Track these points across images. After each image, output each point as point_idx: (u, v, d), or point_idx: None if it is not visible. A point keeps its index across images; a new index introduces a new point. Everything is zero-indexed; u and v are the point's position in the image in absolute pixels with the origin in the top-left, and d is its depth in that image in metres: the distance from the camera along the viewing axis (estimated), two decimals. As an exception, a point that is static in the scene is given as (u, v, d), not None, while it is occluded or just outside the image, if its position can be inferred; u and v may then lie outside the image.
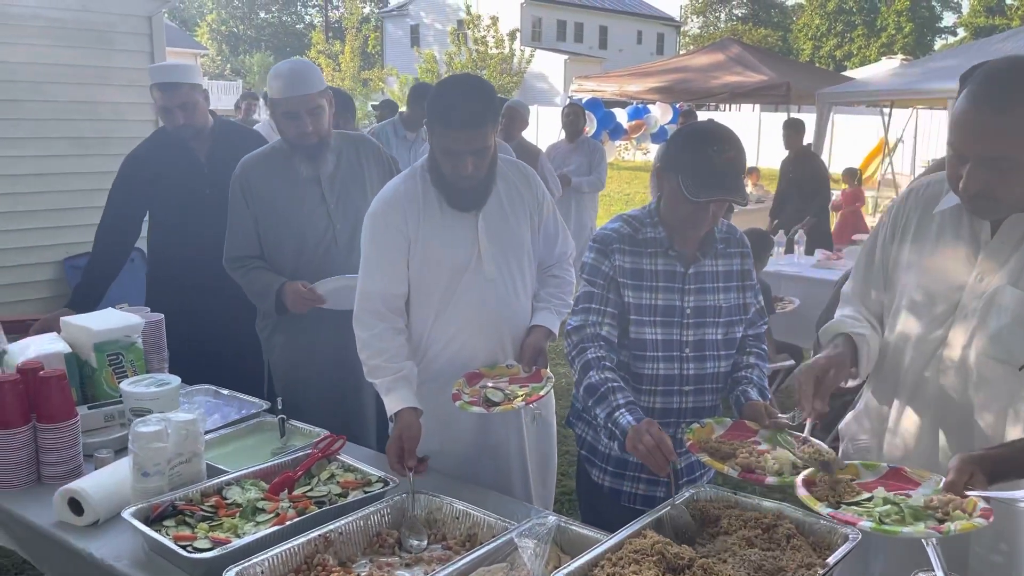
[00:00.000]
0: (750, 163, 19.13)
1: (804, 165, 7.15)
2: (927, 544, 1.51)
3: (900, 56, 26.70)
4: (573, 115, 6.94)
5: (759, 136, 22.12)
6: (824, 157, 9.60)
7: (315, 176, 2.81)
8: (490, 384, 2.21)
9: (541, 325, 2.37)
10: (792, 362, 4.87)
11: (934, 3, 48.87)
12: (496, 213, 2.32)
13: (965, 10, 47.07)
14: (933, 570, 1.46)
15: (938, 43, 47.25)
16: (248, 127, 4.39)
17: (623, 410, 1.99)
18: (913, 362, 1.79)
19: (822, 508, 1.55)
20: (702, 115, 21.51)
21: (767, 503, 1.76)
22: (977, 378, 1.69)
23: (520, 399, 2.11)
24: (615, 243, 2.15)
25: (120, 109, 5.32)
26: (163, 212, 3.29)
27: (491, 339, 2.33)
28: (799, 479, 1.67)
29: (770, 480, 1.75)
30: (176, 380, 2.32)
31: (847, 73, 15.07)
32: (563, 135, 7.11)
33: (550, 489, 2.58)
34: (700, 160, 1.98)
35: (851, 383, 1.92)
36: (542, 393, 2.15)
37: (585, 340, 2.13)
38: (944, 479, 1.56)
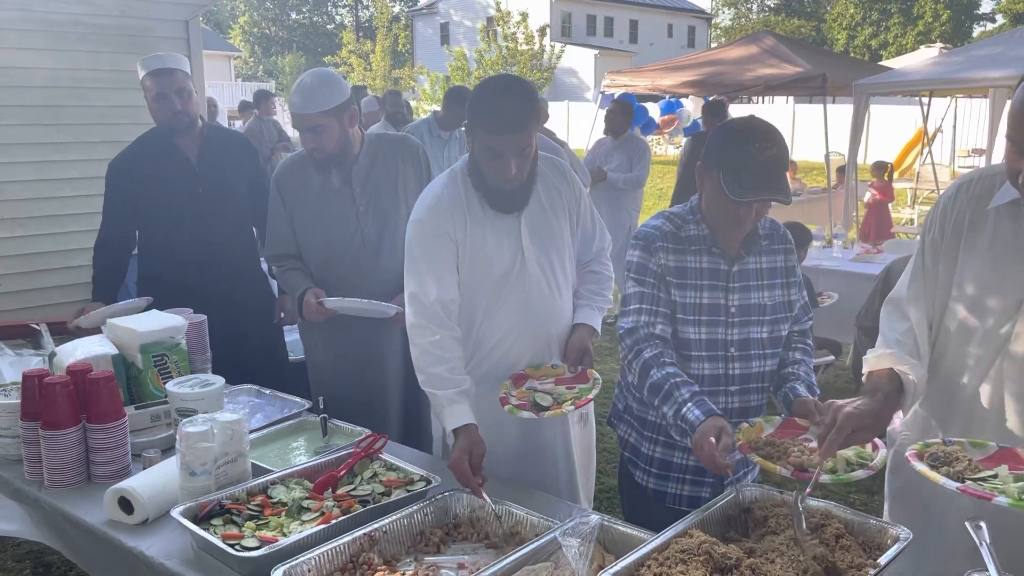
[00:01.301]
0: (784, 156, 19.00)
1: None
2: (980, 543, 1.48)
3: (939, 44, 26.17)
4: (613, 111, 6.82)
5: (793, 128, 21.82)
6: (860, 148, 9.45)
7: (345, 180, 2.84)
8: (537, 386, 2.20)
9: (584, 323, 2.36)
10: (832, 357, 4.81)
11: (972, -11, 47.83)
12: (537, 213, 2.31)
13: (1004, -4, 46.00)
14: (987, 570, 1.43)
15: (976, 30, 46.26)
16: (239, 132, 4.40)
17: (690, 404, 1.94)
18: (978, 361, 1.76)
19: (948, 483, 1.53)
20: (735, 108, 21.37)
21: (815, 502, 1.73)
22: None
23: (569, 403, 2.10)
24: (658, 241, 2.13)
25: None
26: (155, 214, 3.25)
27: (537, 339, 2.32)
28: (910, 452, 1.67)
29: (825, 479, 1.71)
30: (220, 380, 2.35)
31: (884, 63, 14.82)
32: (598, 130, 7.07)
33: (590, 487, 2.58)
34: (741, 158, 1.94)
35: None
36: (591, 396, 2.14)
37: (640, 341, 2.09)
38: None
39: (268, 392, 2.70)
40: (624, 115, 6.77)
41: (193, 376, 2.40)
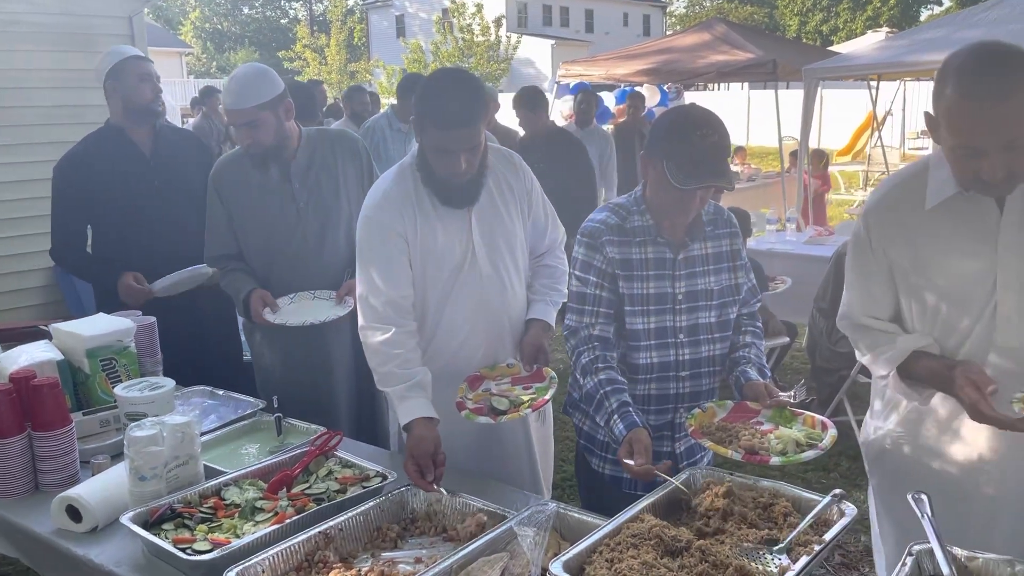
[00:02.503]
0: (740, 142, 19.21)
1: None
2: (922, 515, 1.52)
3: (885, 29, 26.66)
4: (586, 102, 6.84)
5: (748, 114, 22.09)
6: (814, 133, 9.52)
7: (284, 177, 2.81)
8: (493, 388, 2.19)
9: (538, 319, 2.35)
10: (787, 339, 4.88)
11: (919, -26, 48.69)
12: (487, 207, 2.29)
13: (950, -20, 46.91)
14: (929, 543, 1.47)
15: (924, 14, 47.10)
16: (189, 131, 4.46)
17: (616, 416, 2.00)
18: (965, 353, 1.77)
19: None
20: (691, 95, 21.54)
21: (764, 482, 1.76)
22: None
23: (526, 406, 2.09)
24: (604, 235, 2.13)
25: (105, 112, 5.27)
26: (110, 209, 3.23)
27: (491, 333, 2.32)
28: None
29: (774, 460, 1.74)
30: (170, 383, 2.31)
31: (834, 48, 15.05)
32: (549, 119, 7.06)
33: (549, 476, 2.59)
34: (685, 146, 1.96)
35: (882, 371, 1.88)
36: (547, 397, 2.13)
37: (580, 344, 2.15)
38: None
39: (222, 393, 2.67)
40: (594, 106, 6.83)
41: (143, 379, 2.37)
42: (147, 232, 3.20)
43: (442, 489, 1.95)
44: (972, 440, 1.83)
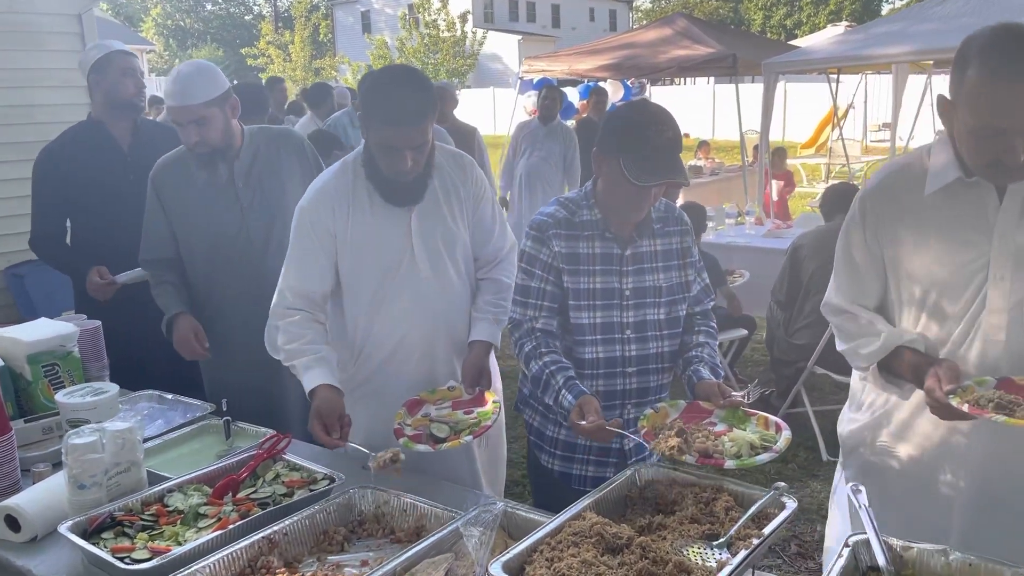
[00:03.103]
0: (705, 136, 19.35)
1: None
2: (860, 507, 1.53)
3: (844, 23, 27.01)
4: (551, 98, 6.84)
5: (714, 108, 22.26)
6: (778, 126, 9.60)
7: (228, 176, 2.77)
8: (433, 413, 2.15)
9: (480, 340, 2.30)
10: (744, 332, 4.92)
11: (880, -32, 49.33)
12: (431, 208, 2.27)
13: (911, -26, 47.59)
14: (866, 534, 1.48)
15: (885, 8, 47.76)
16: (169, 125, 4.47)
17: (564, 391, 2.02)
18: (950, 344, 1.77)
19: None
20: (656, 90, 21.65)
21: (707, 479, 1.77)
22: None
23: (467, 432, 2.06)
24: (552, 228, 2.13)
25: (57, 111, 5.18)
26: (86, 202, 3.26)
27: (428, 338, 2.30)
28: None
29: (729, 464, 1.73)
30: (114, 388, 2.27)
31: (794, 42, 15.21)
32: (519, 115, 7.08)
33: (500, 478, 2.58)
34: (641, 143, 1.96)
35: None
36: (489, 423, 2.09)
37: (522, 336, 2.17)
38: None
39: (171, 397, 2.63)
40: (559, 101, 6.85)
41: (86, 385, 2.32)
42: (123, 226, 3.19)
43: (350, 444, 2.00)
44: (946, 435, 1.82)
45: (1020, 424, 1.55)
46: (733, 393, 2.00)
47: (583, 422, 1.90)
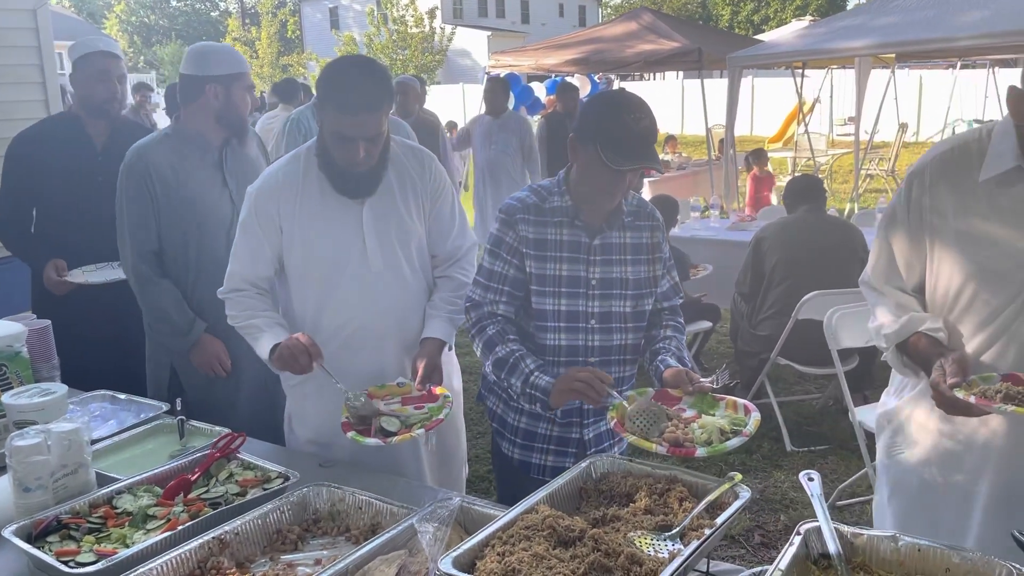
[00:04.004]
0: (674, 131, 19.43)
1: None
2: (812, 495, 1.54)
3: (808, 17, 27.30)
4: (492, 90, 6.86)
5: (683, 103, 22.38)
6: (746, 120, 9.61)
7: (217, 160, 2.76)
8: (382, 407, 2.11)
9: (433, 337, 2.28)
10: (709, 324, 4.94)
11: (845, -36, 49.87)
12: (385, 201, 2.25)
13: (875, -31, 48.17)
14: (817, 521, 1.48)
15: (851, 3, 48.29)
16: (146, 126, 4.40)
17: (537, 373, 2.02)
18: (988, 336, 1.71)
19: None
20: (625, 84, 21.70)
21: (661, 470, 1.77)
22: None
23: (419, 425, 2.02)
24: (519, 213, 2.14)
25: (10, 108, 5.08)
26: (52, 197, 3.23)
27: (378, 332, 2.28)
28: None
29: (700, 452, 1.72)
30: (63, 388, 2.22)
31: (760, 36, 15.34)
32: (483, 109, 7.06)
33: (458, 476, 2.56)
34: (619, 129, 1.97)
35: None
36: (441, 417, 2.06)
37: (483, 318, 2.15)
38: None
39: (123, 397, 2.58)
40: (503, 93, 6.82)
41: (34, 386, 2.26)
42: (86, 224, 3.18)
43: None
44: (968, 431, 1.77)
45: None
46: (701, 380, 2.00)
47: (579, 376, 1.93)
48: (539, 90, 11.56)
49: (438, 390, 2.18)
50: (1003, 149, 1.65)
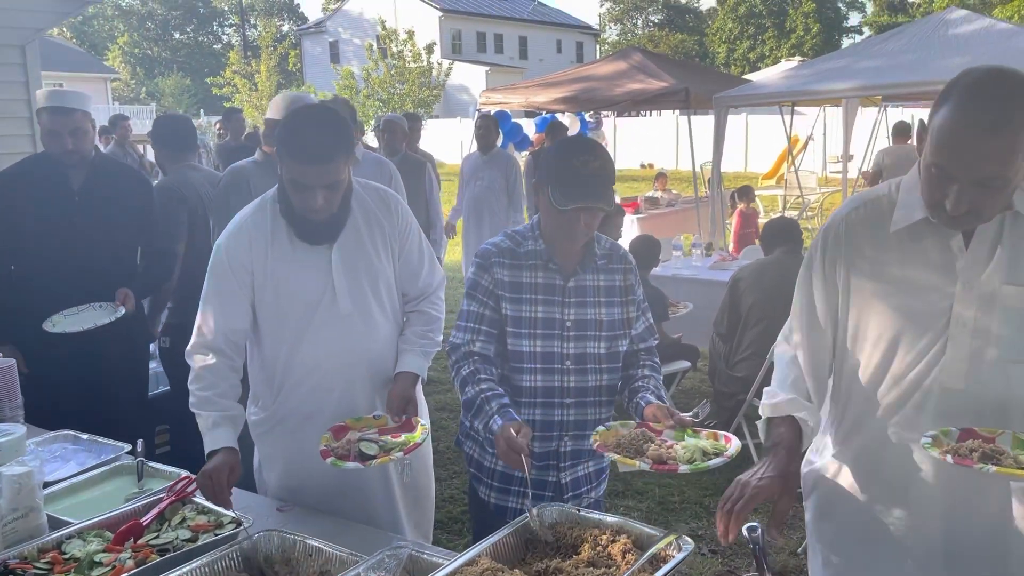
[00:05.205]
0: (669, 166, 19.53)
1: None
2: (752, 545, 1.54)
3: (798, 58, 27.66)
4: (485, 127, 6.94)
5: (677, 140, 22.55)
6: (740, 158, 9.62)
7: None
8: (361, 435, 2.11)
9: (407, 371, 2.30)
10: (688, 364, 4.95)
11: (839, 4, 50.61)
12: (353, 244, 2.27)
13: (870, 10, 48.87)
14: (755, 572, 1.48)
15: (846, 42, 48.91)
16: (127, 163, 4.43)
17: (495, 416, 2.02)
18: (905, 388, 1.68)
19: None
20: (621, 121, 21.88)
21: (610, 518, 1.77)
22: (987, 385, 1.61)
23: (398, 449, 2.03)
24: (495, 256, 2.19)
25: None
26: (27, 239, 3.20)
27: (348, 375, 2.28)
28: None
29: (683, 468, 1.77)
30: (20, 429, 2.22)
31: (751, 75, 15.52)
32: (475, 146, 7.13)
33: (428, 517, 2.55)
34: (566, 171, 2.05)
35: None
36: (420, 441, 2.07)
37: (460, 359, 2.18)
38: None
39: (86, 437, 2.57)
40: (494, 130, 6.90)
41: (-8, 427, 2.26)
42: (62, 267, 3.16)
43: (243, 517, 1.96)
44: (905, 480, 1.74)
45: (1017, 473, 1.48)
46: (681, 414, 2.03)
47: (510, 435, 1.91)
48: (528, 127, 11.66)
49: (415, 420, 2.20)
50: (911, 201, 1.66)
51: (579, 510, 1.80)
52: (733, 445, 1.88)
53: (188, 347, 2.24)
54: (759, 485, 1.60)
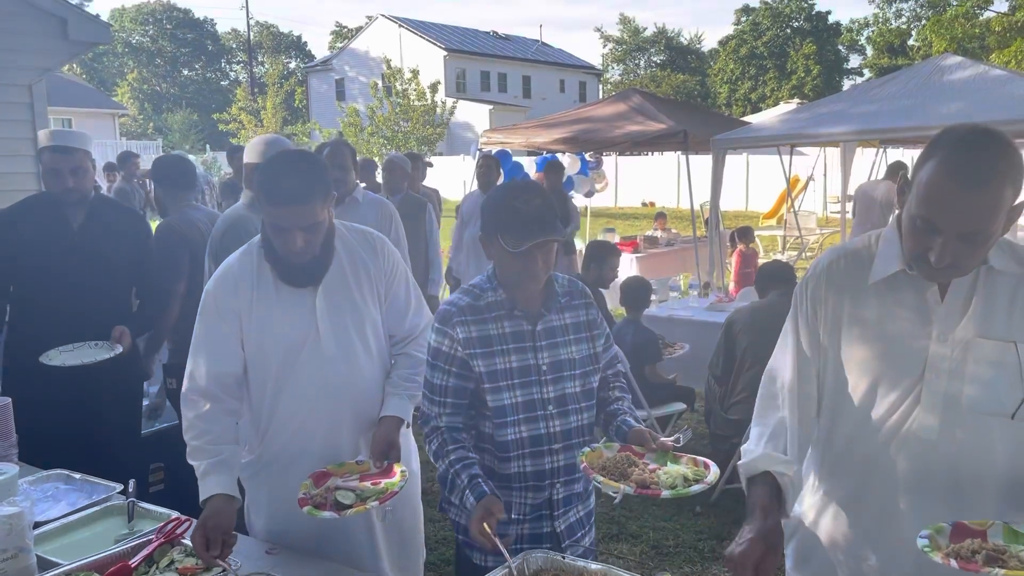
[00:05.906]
0: (670, 205, 19.59)
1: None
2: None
3: (796, 101, 27.94)
4: (486, 167, 7.01)
5: (678, 179, 22.69)
6: (741, 198, 9.63)
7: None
8: (339, 484, 2.13)
9: (391, 416, 2.30)
10: (683, 406, 4.94)
11: (839, 47, 51.25)
12: (338, 286, 2.29)
13: (869, 53, 49.45)
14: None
15: (846, 83, 49.44)
16: (129, 204, 4.51)
17: (467, 491, 2.03)
18: (884, 436, 1.71)
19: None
20: (623, 160, 22.01)
21: (594, 566, 1.77)
22: (962, 436, 1.64)
23: (373, 498, 2.04)
24: (456, 317, 2.15)
25: (3, 180, 5.20)
26: (25, 277, 3.26)
27: (332, 417, 2.29)
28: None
29: (665, 494, 1.82)
30: (13, 469, 2.24)
31: (749, 117, 15.69)
32: (475, 185, 7.21)
33: (416, 561, 2.53)
34: (512, 213, 2.04)
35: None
36: (396, 490, 2.08)
37: (430, 433, 2.17)
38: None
39: (78, 477, 2.58)
40: (495, 169, 6.98)
41: (-15, 466, 2.28)
42: (61, 305, 3.20)
43: (230, 562, 1.96)
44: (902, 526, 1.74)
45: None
46: (663, 439, 2.07)
47: (482, 529, 1.92)
48: (529, 166, 11.77)
49: (396, 466, 2.19)
50: (889, 254, 1.70)
51: (564, 557, 1.81)
52: (712, 471, 1.96)
53: (181, 393, 2.26)
54: (742, 551, 1.61)
